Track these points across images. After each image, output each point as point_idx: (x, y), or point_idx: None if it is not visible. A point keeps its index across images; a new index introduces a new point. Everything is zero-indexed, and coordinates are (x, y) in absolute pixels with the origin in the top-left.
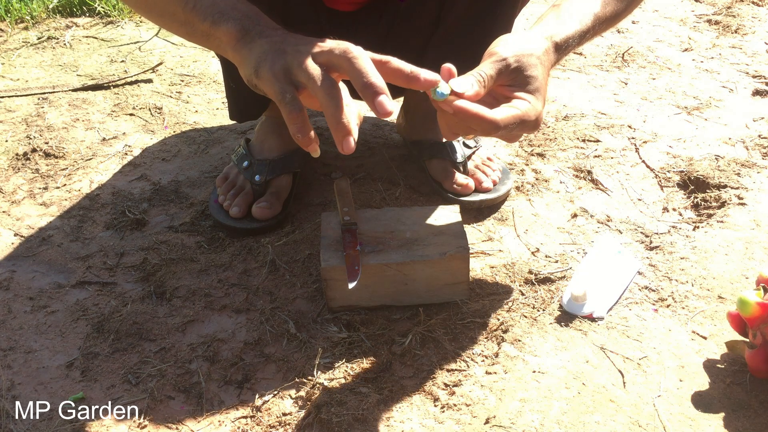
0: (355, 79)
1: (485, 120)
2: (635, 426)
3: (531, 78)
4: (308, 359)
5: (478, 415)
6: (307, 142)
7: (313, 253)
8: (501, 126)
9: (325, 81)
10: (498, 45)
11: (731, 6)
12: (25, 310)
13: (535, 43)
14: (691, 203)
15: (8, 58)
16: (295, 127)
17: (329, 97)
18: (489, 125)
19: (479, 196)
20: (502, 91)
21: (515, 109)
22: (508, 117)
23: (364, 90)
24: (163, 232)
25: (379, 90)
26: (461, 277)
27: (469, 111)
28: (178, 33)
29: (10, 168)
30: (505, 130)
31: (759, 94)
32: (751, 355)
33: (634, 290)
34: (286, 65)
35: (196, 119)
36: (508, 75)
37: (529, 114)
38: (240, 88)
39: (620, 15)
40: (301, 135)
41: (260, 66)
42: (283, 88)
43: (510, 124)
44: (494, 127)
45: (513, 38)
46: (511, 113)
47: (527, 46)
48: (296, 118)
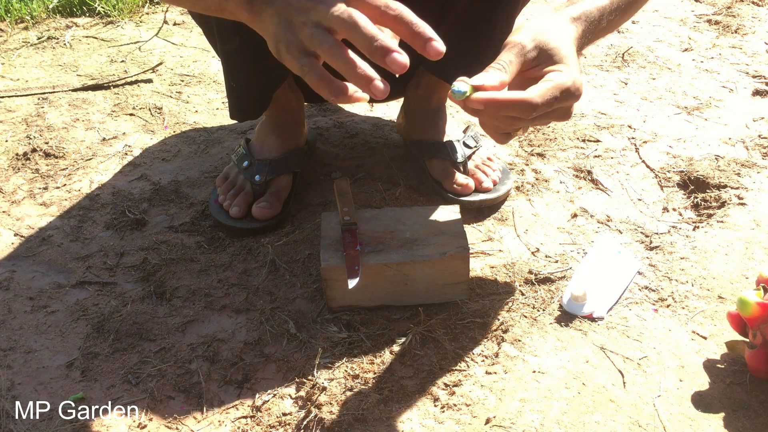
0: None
1: (519, 102)
2: (635, 426)
3: (553, 50)
4: (308, 359)
5: (478, 415)
6: (349, 100)
7: (313, 253)
8: (539, 102)
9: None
10: (511, 35)
11: (731, 6)
12: (25, 310)
13: (549, 21)
14: (691, 203)
15: (8, 58)
16: (326, 91)
17: (338, 59)
18: (525, 105)
19: (479, 196)
20: (532, 74)
21: (549, 82)
22: (544, 91)
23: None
24: (163, 232)
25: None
26: (461, 277)
27: (498, 99)
28: (195, 8)
29: (10, 168)
30: (546, 106)
31: (759, 94)
32: (751, 355)
33: (634, 290)
34: (297, 42)
35: (196, 119)
36: (530, 58)
37: (566, 82)
38: (240, 87)
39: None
40: (335, 96)
41: (279, 47)
42: (302, 62)
43: (548, 98)
44: (531, 106)
45: (525, 25)
46: (546, 86)
47: (540, 26)
48: (322, 83)
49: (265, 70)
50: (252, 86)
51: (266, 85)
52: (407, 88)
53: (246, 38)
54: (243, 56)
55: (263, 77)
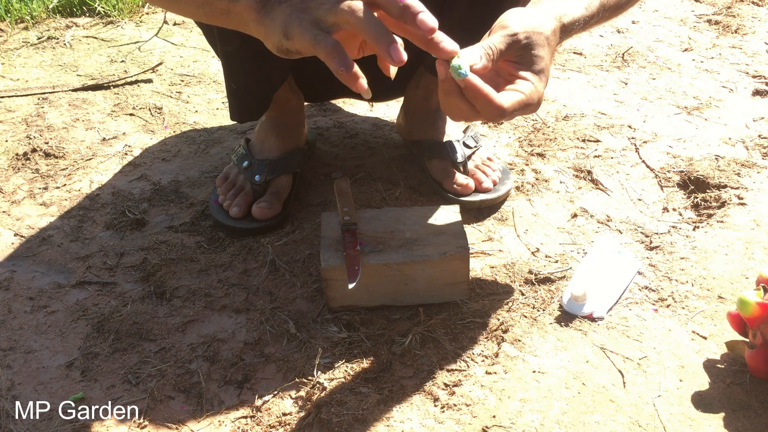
0: (391, 6)
1: (493, 104)
2: (635, 426)
3: (538, 58)
4: (308, 359)
5: (478, 415)
6: (352, 78)
7: (313, 253)
8: (508, 110)
9: (355, 5)
10: (508, 18)
11: (731, 6)
12: (25, 310)
13: (546, 21)
14: (691, 203)
15: (8, 58)
16: (336, 61)
17: (364, 18)
18: (495, 110)
19: (479, 196)
20: (506, 67)
21: (520, 94)
22: (514, 103)
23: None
24: (163, 232)
25: (417, 9)
26: (461, 277)
27: (480, 90)
28: (195, 16)
29: (10, 168)
30: (509, 116)
31: (759, 94)
32: (751, 355)
33: (634, 290)
34: (313, 18)
35: (196, 119)
36: (516, 51)
37: (533, 97)
38: (241, 88)
39: (624, 6)
40: (344, 68)
41: (288, 27)
42: (314, 32)
43: (515, 110)
44: (500, 113)
45: (524, 12)
46: (517, 98)
47: (538, 23)
48: (334, 53)
49: (266, 71)
50: (252, 87)
51: (267, 85)
52: (407, 88)
53: (246, 39)
54: (243, 57)
55: (264, 78)
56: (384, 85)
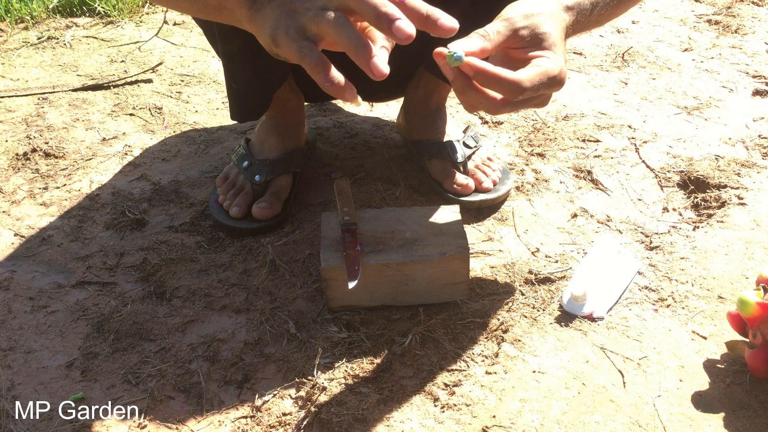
0: (368, 14)
1: (508, 82)
2: (635, 426)
3: (544, 35)
4: (308, 359)
5: (478, 415)
6: (339, 91)
7: (313, 253)
8: (527, 86)
9: (336, 18)
10: (505, 10)
11: (731, 6)
12: (25, 310)
13: (544, 4)
14: (691, 203)
15: (8, 58)
16: (321, 76)
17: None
18: (514, 86)
19: (479, 196)
20: (518, 54)
21: (538, 67)
22: (533, 75)
23: (379, 21)
24: (163, 232)
25: (393, 17)
26: (461, 277)
27: (489, 72)
28: (190, 11)
29: (10, 168)
30: (532, 91)
31: (759, 94)
32: (751, 355)
33: (634, 290)
34: (298, 26)
35: (196, 119)
36: (519, 36)
37: (552, 69)
38: (241, 88)
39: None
40: (329, 84)
41: (276, 34)
42: (300, 44)
43: (536, 83)
44: (520, 88)
45: (521, 2)
46: (535, 71)
47: (535, 7)
48: (319, 68)
49: (266, 70)
50: (253, 87)
51: (267, 85)
52: (407, 88)
53: (247, 39)
54: (244, 57)
55: (264, 78)
56: (384, 85)
